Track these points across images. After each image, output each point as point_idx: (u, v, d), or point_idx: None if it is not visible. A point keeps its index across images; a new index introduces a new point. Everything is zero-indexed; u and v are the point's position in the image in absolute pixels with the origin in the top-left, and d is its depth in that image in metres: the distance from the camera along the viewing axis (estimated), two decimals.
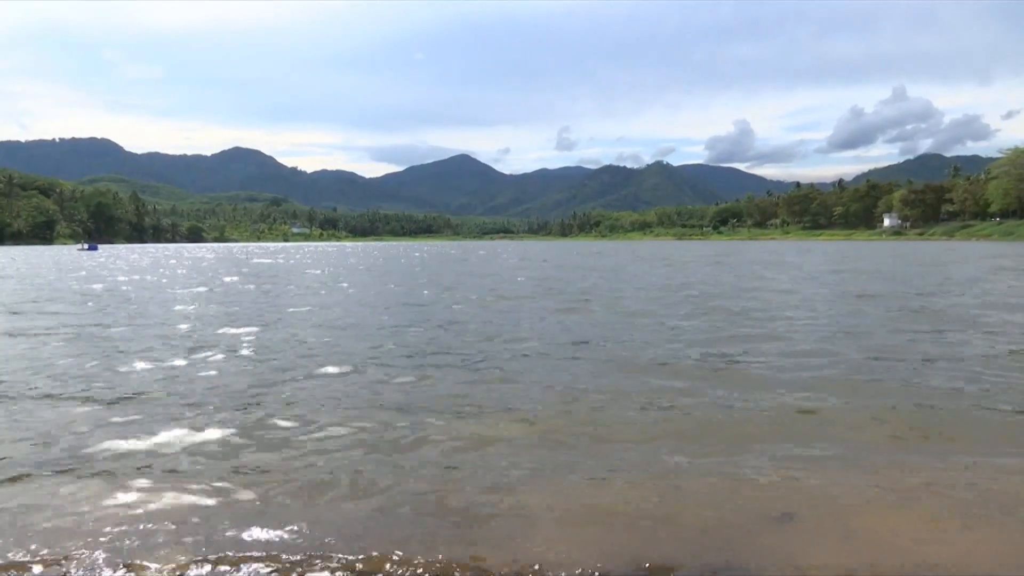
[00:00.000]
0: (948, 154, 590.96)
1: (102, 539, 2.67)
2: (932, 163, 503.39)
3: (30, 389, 5.23)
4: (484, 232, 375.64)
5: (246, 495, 3.10)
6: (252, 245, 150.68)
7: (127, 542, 2.64)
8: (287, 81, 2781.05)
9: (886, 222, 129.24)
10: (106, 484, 3.24)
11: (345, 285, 17.82)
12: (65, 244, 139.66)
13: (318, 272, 25.47)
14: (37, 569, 2.44)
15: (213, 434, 4.00)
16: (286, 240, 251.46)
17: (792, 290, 14.63)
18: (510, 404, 4.67)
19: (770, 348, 6.84)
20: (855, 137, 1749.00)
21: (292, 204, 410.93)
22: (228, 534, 2.72)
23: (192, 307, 11.90)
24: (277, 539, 2.67)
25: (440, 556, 2.51)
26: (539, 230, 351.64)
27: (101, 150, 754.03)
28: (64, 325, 9.24)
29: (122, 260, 38.61)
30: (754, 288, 15.18)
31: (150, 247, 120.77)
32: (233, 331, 8.42)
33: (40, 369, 6.03)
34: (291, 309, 11.48)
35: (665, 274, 21.72)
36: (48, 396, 5.01)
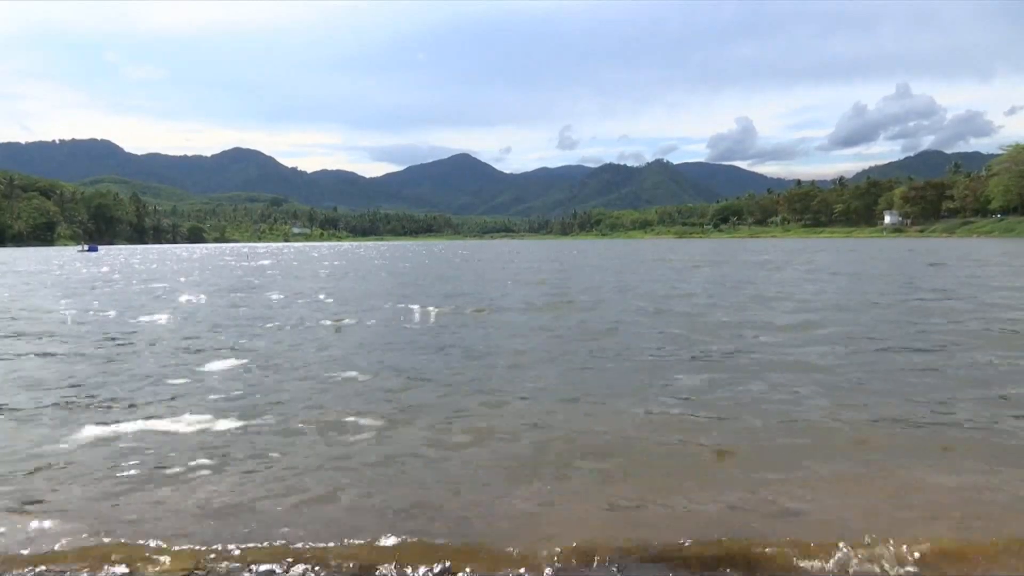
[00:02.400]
0: (950, 151, 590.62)
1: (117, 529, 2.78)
2: (933, 160, 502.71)
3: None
4: (485, 231, 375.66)
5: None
6: (258, 245, 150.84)
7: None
8: (288, 82, 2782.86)
9: (887, 219, 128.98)
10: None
11: None
12: (66, 245, 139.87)
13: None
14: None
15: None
16: (287, 240, 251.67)
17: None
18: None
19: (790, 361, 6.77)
20: (857, 134, 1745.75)
21: (292, 204, 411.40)
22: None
23: None
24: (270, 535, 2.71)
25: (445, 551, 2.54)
26: (540, 229, 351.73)
27: (102, 151, 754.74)
28: None
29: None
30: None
31: (152, 248, 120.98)
32: None
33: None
34: None
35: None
36: None
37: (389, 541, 2.64)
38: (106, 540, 2.68)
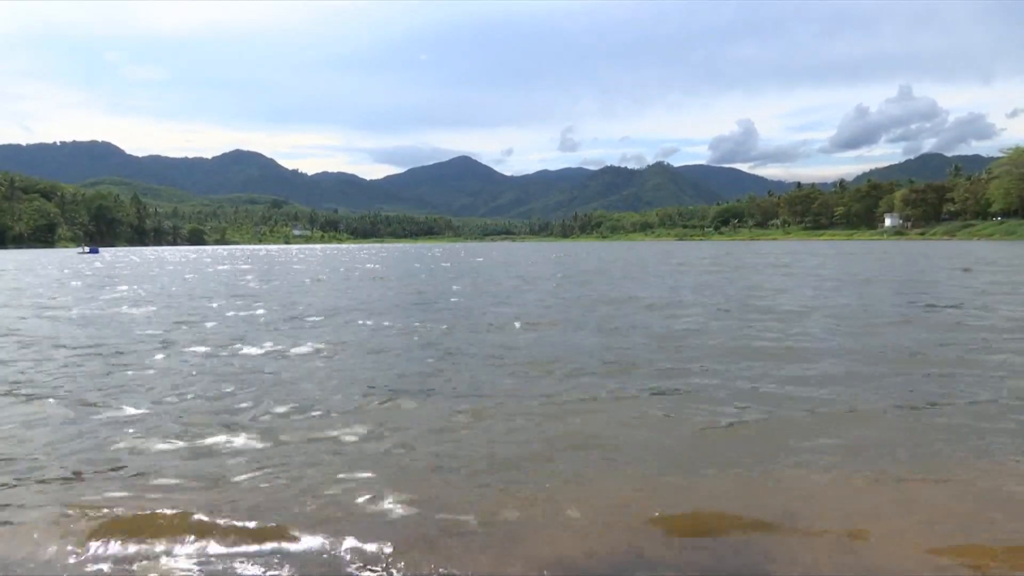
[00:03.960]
0: (951, 153, 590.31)
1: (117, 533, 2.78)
2: (934, 162, 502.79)
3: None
4: (485, 233, 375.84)
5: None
6: (258, 247, 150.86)
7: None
8: (289, 83, 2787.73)
9: (887, 222, 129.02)
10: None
11: None
12: (66, 247, 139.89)
13: None
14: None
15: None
16: (287, 242, 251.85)
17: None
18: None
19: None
20: (858, 137, 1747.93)
21: (293, 206, 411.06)
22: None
23: None
24: (266, 539, 2.73)
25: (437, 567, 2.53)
26: (540, 231, 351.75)
27: (102, 153, 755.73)
28: None
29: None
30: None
31: (150, 250, 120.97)
32: None
33: None
34: None
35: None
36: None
37: None
38: None
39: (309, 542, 2.70)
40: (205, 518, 2.91)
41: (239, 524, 2.86)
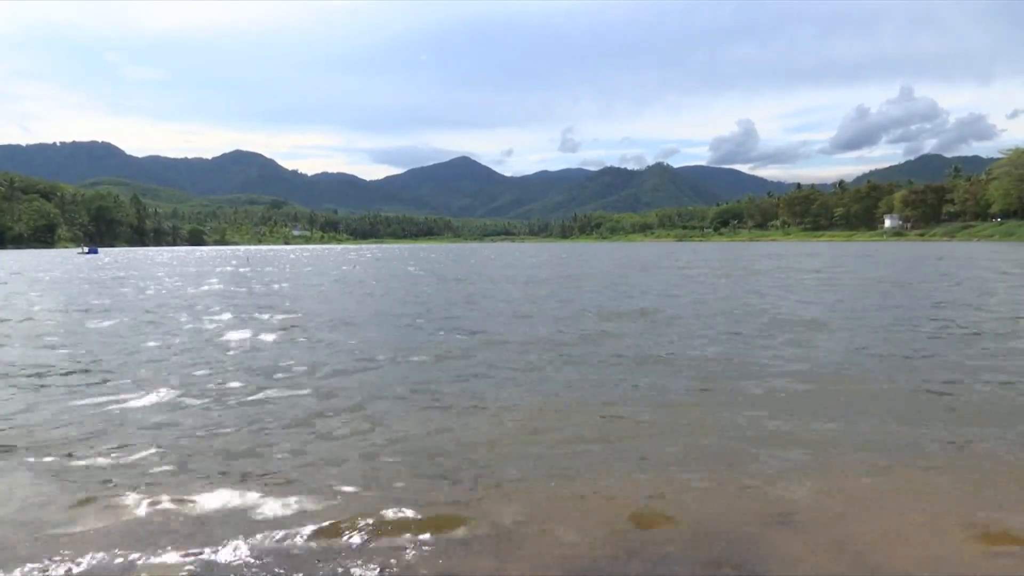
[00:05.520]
0: (951, 154, 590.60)
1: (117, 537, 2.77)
2: (934, 163, 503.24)
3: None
4: (485, 234, 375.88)
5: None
6: (260, 248, 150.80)
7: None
8: (288, 84, 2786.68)
9: (887, 223, 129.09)
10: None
11: None
12: (66, 248, 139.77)
13: None
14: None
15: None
16: (287, 243, 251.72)
17: None
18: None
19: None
20: (859, 137, 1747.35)
21: (292, 207, 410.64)
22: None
23: None
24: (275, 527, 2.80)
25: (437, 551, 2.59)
26: (540, 232, 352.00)
27: (102, 153, 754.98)
28: None
29: None
30: None
31: (152, 250, 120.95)
32: None
33: None
34: None
35: None
36: None
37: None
38: None
39: (306, 539, 2.70)
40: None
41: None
